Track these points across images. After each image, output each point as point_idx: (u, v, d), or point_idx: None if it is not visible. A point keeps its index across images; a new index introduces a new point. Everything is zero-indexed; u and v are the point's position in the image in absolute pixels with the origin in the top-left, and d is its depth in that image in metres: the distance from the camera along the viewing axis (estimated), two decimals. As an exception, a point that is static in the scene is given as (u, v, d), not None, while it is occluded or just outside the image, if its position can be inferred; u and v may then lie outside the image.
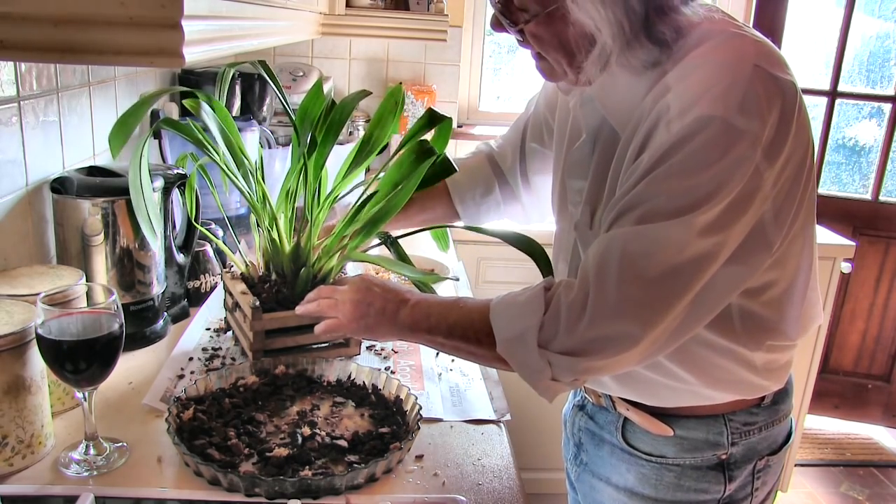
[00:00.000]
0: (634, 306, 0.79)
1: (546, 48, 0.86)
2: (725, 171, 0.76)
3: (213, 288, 1.41)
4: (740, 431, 0.98)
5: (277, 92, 1.12)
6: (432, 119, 1.13)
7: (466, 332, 0.91)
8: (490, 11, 0.94)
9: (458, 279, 1.57)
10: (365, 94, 1.14)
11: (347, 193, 1.17)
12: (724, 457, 0.98)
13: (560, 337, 0.82)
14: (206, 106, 1.03)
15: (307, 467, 0.87)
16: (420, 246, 1.76)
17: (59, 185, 1.13)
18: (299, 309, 1.06)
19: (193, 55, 0.67)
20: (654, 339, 0.80)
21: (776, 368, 0.97)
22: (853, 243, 2.30)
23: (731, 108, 0.75)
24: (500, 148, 1.26)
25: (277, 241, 1.11)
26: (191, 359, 1.17)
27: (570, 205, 0.99)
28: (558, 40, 0.83)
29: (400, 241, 1.19)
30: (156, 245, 1.18)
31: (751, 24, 0.80)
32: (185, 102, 0.98)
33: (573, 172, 0.97)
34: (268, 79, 1.10)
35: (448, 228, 1.28)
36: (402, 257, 1.05)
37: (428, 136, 1.11)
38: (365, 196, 1.12)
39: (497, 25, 0.88)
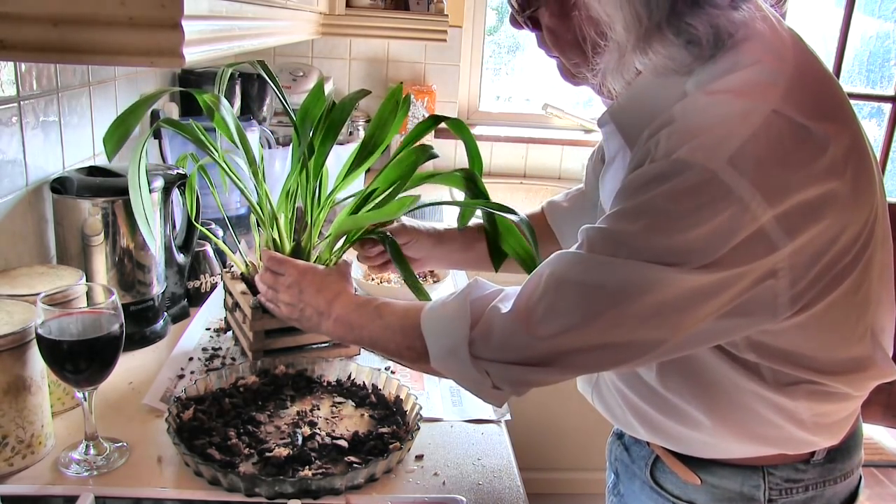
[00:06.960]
0: (581, 333, 0.73)
1: (562, 45, 0.80)
2: (701, 231, 0.66)
3: (213, 288, 1.41)
4: (781, 488, 0.87)
5: (277, 92, 1.12)
6: (436, 121, 1.13)
7: (388, 345, 0.90)
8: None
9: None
10: (364, 93, 1.14)
11: (349, 197, 1.17)
12: None
13: (494, 351, 0.78)
14: (225, 101, 1.03)
15: (307, 467, 0.87)
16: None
17: (59, 185, 1.13)
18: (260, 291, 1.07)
19: (193, 55, 0.67)
20: (599, 361, 0.76)
21: (828, 423, 0.85)
22: (853, 243, 2.29)
23: (719, 158, 0.65)
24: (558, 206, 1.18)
25: (277, 241, 1.11)
26: (191, 359, 1.17)
27: None
28: (573, 35, 0.76)
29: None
30: (154, 246, 1.18)
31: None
32: (203, 98, 0.97)
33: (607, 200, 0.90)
34: (268, 79, 1.10)
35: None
36: (400, 257, 1.05)
37: (449, 140, 1.10)
38: (364, 194, 1.12)
39: (514, 21, 0.83)
